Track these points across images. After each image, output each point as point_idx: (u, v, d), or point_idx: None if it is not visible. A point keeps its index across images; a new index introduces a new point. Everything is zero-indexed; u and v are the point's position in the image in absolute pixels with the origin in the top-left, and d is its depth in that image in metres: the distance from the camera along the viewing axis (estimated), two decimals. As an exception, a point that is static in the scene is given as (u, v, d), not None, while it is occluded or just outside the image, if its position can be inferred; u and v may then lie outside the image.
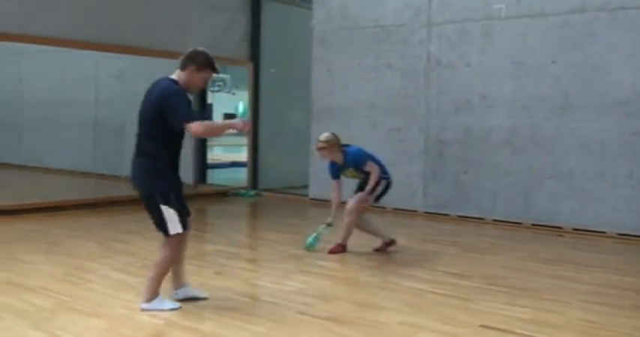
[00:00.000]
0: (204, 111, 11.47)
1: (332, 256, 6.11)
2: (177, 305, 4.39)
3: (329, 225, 6.26)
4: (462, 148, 8.50)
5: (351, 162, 6.08)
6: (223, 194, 10.68)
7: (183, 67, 4.24)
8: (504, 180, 8.17)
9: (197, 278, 5.22)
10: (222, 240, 7.02)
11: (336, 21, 9.61)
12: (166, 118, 4.08)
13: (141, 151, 4.22)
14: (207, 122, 4.19)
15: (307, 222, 8.75)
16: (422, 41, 8.77)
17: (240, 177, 11.60)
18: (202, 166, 11.45)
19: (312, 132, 9.91)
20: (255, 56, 10.92)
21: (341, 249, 6.20)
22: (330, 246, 6.21)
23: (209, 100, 12.33)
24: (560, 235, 7.56)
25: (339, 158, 6.09)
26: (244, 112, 4.48)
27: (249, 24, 10.86)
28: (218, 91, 26.04)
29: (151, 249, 6.19)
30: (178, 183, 4.28)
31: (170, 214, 4.18)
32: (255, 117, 11.03)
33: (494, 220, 8.19)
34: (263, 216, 9.53)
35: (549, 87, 7.82)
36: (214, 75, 4.31)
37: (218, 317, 4.25)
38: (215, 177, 11.86)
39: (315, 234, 6.28)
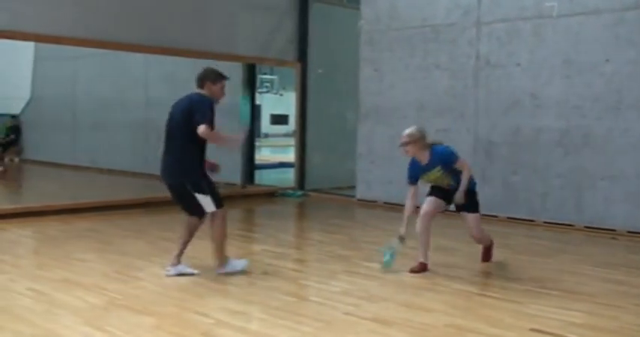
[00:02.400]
0: (253, 111, 11.58)
1: (381, 258, 6.09)
2: (245, 262, 5.41)
3: (401, 238, 5.49)
4: (511, 149, 8.37)
5: (437, 160, 5.43)
6: (271, 194, 10.76)
7: (201, 86, 5.19)
8: (555, 182, 8.01)
9: (245, 277, 5.27)
10: (269, 240, 7.07)
11: (384, 21, 9.58)
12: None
13: (174, 149, 5.06)
14: (214, 131, 4.95)
15: (354, 223, 8.76)
16: (471, 40, 8.67)
17: (288, 177, 11.67)
18: (250, 167, 11.56)
19: (359, 132, 9.91)
20: (302, 57, 10.97)
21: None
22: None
23: (257, 101, 12.44)
24: (613, 238, 7.37)
25: (424, 156, 5.44)
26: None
27: (297, 25, 10.91)
28: (266, 93, 26.26)
29: (199, 248, 6.29)
30: (204, 172, 5.13)
31: (202, 198, 5.06)
32: (303, 117, 11.08)
33: (545, 222, 8.04)
34: (310, 217, 9.56)
35: (602, 87, 7.64)
36: (224, 80, 5.22)
37: (265, 317, 4.29)
38: (263, 178, 11.96)
39: (390, 252, 5.54)
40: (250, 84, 11.37)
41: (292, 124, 15.77)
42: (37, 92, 15.63)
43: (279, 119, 28.82)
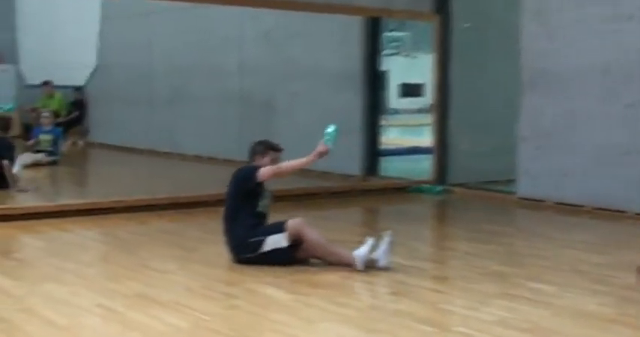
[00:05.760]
0: (377, 80, 11.60)
1: (553, 277, 5.95)
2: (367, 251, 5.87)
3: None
4: None
5: None
6: (401, 190, 10.74)
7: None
8: None
9: (369, 298, 5.30)
10: (399, 251, 7.02)
11: (556, -45, 9.34)
12: None
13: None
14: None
15: (514, 230, 8.60)
16: (681, -21, 8.29)
17: (423, 167, 11.62)
18: (373, 153, 11.57)
19: (522, 107, 9.69)
20: (443, 7, 10.87)
21: None
22: None
23: (382, 67, 12.43)
24: None
25: None
26: (333, 136, 6.08)
27: (436, -36, 10.84)
28: (394, 55, 26.24)
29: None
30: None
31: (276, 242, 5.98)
32: (444, 89, 10.97)
33: None
34: (454, 220, 9.50)
35: None
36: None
37: (395, 351, 4.29)
38: (390, 168, 11.95)
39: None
40: (373, 45, 11.37)
41: (429, 97, 15.72)
42: (104, 58, 16.30)
43: (411, 90, 28.80)
